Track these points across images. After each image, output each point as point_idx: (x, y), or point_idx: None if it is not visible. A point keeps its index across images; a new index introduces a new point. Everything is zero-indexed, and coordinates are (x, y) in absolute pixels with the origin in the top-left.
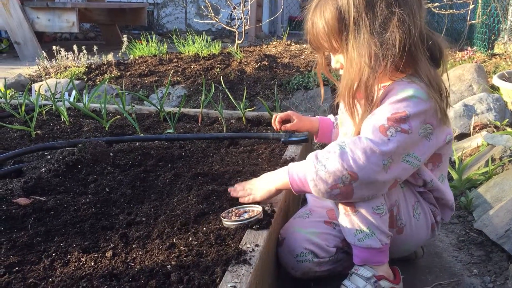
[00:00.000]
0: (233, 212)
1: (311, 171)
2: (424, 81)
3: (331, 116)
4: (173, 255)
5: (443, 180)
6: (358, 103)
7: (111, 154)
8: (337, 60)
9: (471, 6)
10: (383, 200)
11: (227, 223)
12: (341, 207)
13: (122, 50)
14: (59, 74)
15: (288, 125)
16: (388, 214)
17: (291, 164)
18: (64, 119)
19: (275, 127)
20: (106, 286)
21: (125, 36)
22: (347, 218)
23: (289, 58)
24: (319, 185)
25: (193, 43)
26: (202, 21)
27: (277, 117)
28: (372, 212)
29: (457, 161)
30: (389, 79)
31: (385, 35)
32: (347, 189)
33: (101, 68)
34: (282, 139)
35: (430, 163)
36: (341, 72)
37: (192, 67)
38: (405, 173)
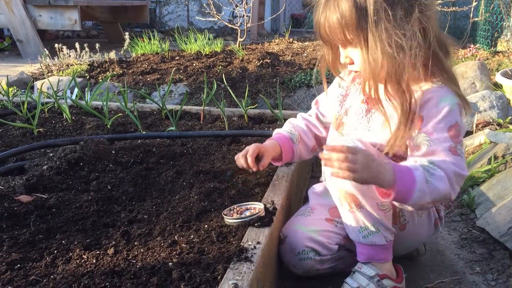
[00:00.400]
0: (234, 210)
1: (422, 185)
2: (451, 79)
3: (284, 129)
4: (174, 252)
5: None
6: (389, 102)
7: (113, 152)
8: (346, 55)
9: (474, 4)
10: None
11: (228, 220)
12: (345, 204)
13: (124, 48)
14: (61, 72)
15: (263, 162)
16: (391, 211)
17: (397, 168)
18: (66, 116)
19: (250, 168)
20: (107, 283)
21: (127, 34)
22: (351, 215)
23: (291, 56)
24: (423, 199)
25: (195, 40)
26: (204, 19)
27: (248, 158)
28: (377, 208)
29: None
30: (424, 81)
31: (407, 26)
32: (436, 204)
33: (103, 66)
34: None
35: None
36: (349, 68)
37: (194, 64)
38: None
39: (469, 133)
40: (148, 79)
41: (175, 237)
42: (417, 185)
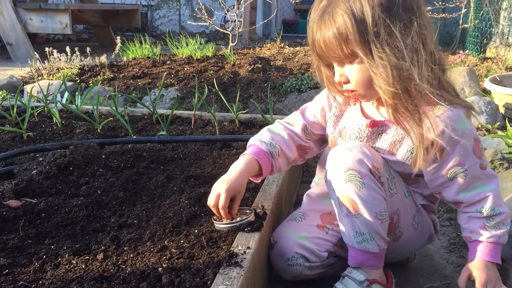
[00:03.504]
0: None
1: (501, 237)
2: (451, 93)
3: (262, 140)
4: (164, 257)
5: None
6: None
7: (103, 156)
8: (341, 73)
9: (464, 10)
10: (386, 207)
11: (219, 225)
12: (344, 208)
13: (116, 52)
14: (51, 75)
15: (236, 204)
16: (388, 221)
17: (490, 256)
18: (56, 121)
19: (226, 216)
20: None
21: (118, 37)
22: (348, 220)
23: (283, 61)
24: (506, 231)
25: (187, 45)
26: (196, 23)
27: (221, 211)
28: (375, 217)
29: None
30: (427, 102)
31: (408, 39)
32: None
33: (94, 70)
34: None
35: None
36: (344, 87)
37: (185, 69)
38: None
39: None
40: (139, 83)
41: (165, 242)
42: (501, 242)
